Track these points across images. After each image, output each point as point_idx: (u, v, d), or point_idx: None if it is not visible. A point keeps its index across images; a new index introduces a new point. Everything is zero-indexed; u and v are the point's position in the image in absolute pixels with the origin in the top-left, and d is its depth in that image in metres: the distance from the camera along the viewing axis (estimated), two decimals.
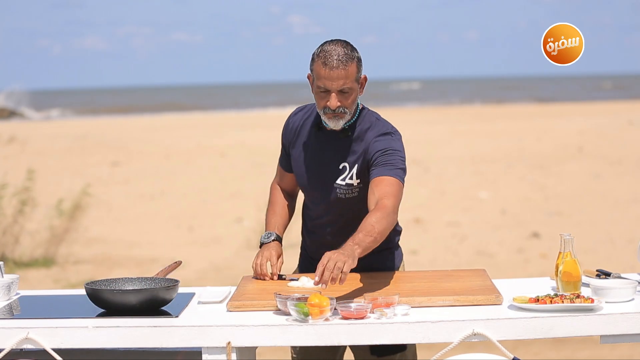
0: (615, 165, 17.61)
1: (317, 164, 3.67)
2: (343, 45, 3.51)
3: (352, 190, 3.63)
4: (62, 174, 18.37)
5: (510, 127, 27.62)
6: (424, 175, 16.88)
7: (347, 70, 3.47)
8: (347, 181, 3.62)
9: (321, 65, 3.48)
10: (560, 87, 74.77)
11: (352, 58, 3.49)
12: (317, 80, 3.51)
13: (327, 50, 3.48)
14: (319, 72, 3.49)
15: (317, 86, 3.52)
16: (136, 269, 9.84)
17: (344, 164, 3.62)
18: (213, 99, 68.16)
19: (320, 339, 3.06)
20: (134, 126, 34.25)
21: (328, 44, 3.52)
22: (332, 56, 3.46)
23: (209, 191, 15.88)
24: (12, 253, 10.34)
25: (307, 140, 3.70)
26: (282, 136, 3.81)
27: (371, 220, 3.35)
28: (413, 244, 10.55)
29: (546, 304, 3.09)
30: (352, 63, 3.48)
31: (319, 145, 3.67)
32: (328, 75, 3.46)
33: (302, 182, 3.73)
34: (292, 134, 3.74)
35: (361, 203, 3.63)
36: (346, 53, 3.48)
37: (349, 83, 3.48)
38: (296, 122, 3.75)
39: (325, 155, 3.66)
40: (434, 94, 68.16)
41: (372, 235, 3.31)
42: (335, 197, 3.65)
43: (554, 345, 6.73)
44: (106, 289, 3.25)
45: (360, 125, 3.63)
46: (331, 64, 3.45)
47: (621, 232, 11.07)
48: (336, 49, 3.49)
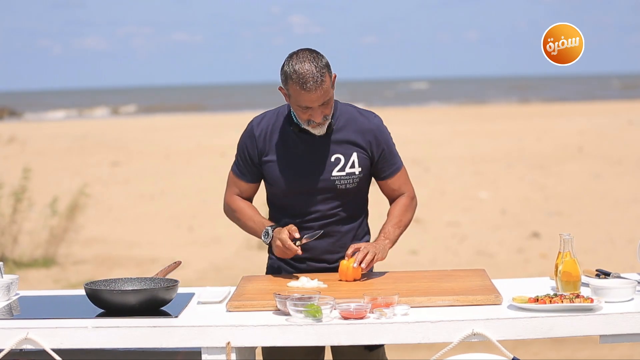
0: (615, 165, 17.61)
1: (309, 162, 3.68)
2: (311, 60, 3.52)
3: (353, 179, 3.68)
4: (62, 174, 18.37)
5: (510, 127, 27.63)
6: (424, 175, 16.87)
7: (323, 86, 3.52)
8: (348, 170, 3.67)
9: (298, 89, 3.51)
10: (569, 87, 74.71)
11: (324, 70, 3.52)
12: (296, 100, 3.55)
13: (300, 73, 3.49)
14: (296, 94, 3.53)
15: (296, 105, 3.57)
16: (136, 269, 9.84)
17: (336, 156, 3.67)
18: (213, 99, 68.16)
19: (320, 339, 3.06)
20: (134, 126, 34.26)
21: (297, 61, 3.52)
22: (307, 79, 3.49)
23: (209, 191, 15.87)
24: (12, 253, 10.34)
25: (287, 142, 3.69)
26: (246, 148, 3.73)
27: (399, 212, 3.76)
28: (413, 244, 10.55)
29: (546, 303, 3.09)
30: (326, 75, 3.53)
31: (304, 144, 3.68)
32: (308, 98, 3.52)
33: (290, 184, 3.69)
34: (262, 142, 3.71)
35: (358, 194, 3.75)
36: (317, 69, 3.51)
37: (328, 95, 3.55)
38: (263, 130, 3.72)
39: (314, 152, 3.68)
40: (434, 94, 68.14)
41: (400, 227, 3.75)
42: (334, 189, 3.68)
43: (554, 345, 6.73)
44: (106, 289, 3.25)
45: (342, 116, 3.70)
46: (309, 87, 3.49)
47: (621, 232, 11.07)
48: (309, 68, 3.50)
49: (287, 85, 3.55)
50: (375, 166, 3.73)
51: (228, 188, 3.84)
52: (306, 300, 3.10)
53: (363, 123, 3.71)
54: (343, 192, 3.69)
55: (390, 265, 3.91)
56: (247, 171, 3.77)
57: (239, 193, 3.82)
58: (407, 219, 3.78)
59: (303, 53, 3.55)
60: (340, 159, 3.67)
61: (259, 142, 3.71)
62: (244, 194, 3.82)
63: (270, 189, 3.77)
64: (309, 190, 3.69)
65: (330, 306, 3.10)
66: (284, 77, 3.56)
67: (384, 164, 3.74)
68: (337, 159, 3.67)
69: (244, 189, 3.81)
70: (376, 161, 3.72)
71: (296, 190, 3.70)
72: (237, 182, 3.81)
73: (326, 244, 3.72)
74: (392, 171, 3.77)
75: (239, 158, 3.78)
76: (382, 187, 3.80)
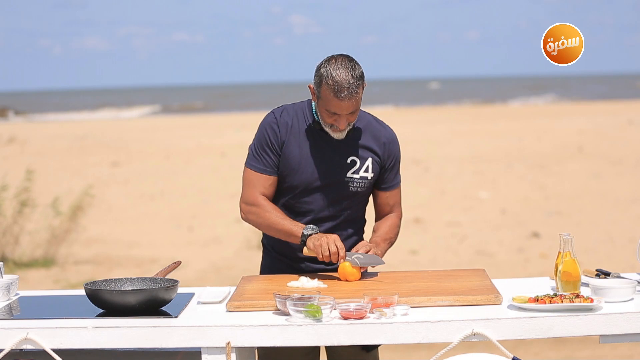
0: (615, 165, 17.61)
1: (325, 160, 3.69)
2: (350, 69, 3.52)
3: (365, 184, 3.72)
4: (62, 174, 18.38)
5: (510, 127, 27.63)
6: (424, 175, 16.88)
7: (357, 98, 3.54)
8: (362, 174, 3.71)
9: (331, 94, 3.52)
10: (593, 87, 74.60)
11: (359, 81, 3.54)
12: (325, 104, 3.56)
13: (337, 81, 3.50)
14: (328, 99, 3.54)
15: (325, 109, 3.57)
16: (136, 269, 9.84)
17: (352, 158, 3.70)
18: (213, 99, 68.15)
19: (320, 339, 3.06)
20: (134, 126, 34.27)
21: (335, 68, 3.52)
22: (343, 87, 3.50)
23: (209, 191, 15.88)
24: (12, 253, 10.34)
25: (306, 138, 3.69)
26: (269, 137, 3.68)
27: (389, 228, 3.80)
28: (413, 244, 10.55)
29: (545, 303, 3.09)
30: (360, 87, 3.54)
31: (323, 142, 3.69)
32: (339, 105, 3.53)
33: (305, 178, 3.69)
34: (286, 132, 3.69)
35: (363, 199, 3.79)
36: (355, 79, 3.52)
37: (358, 105, 3.58)
38: (285, 121, 3.70)
39: (332, 151, 3.69)
40: (435, 94, 68.13)
41: (387, 243, 3.79)
42: (346, 190, 3.70)
43: (554, 345, 6.73)
44: (105, 290, 3.25)
45: (360, 121, 3.73)
46: (342, 97, 3.51)
47: (621, 232, 11.07)
48: (346, 77, 3.50)
49: (320, 87, 3.56)
50: (381, 175, 3.77)
51: (247, 188, 3.72)
52: (306, 300, 3.10)
53: (380, 131, 3.76)
54: (353, 194, 3.72)
55: (390, 265, 3.92)
56: (269, 162, 3.69)
57: (262, 190, 3.71)
58: (394, 237, 3.83)
59: (342, 59, 3.55)
60: (355, 161, 3.70)
61: (282, 130, 3.69)
62: (266, 190, 3.71)
63: (280, 184, 3.74)
64: (321, 188, 3.70)
65: (330, 306, 3.10)
66: (318, 78, 3.56)
67: (389, 175, 3.78)
68: (352, 162, 3.70)
69: (268, 185, 3.71)
70: (384, 170, 3.76)
71: (310, 186, 3.70)
72: (258, 178, 3.70)
73: None
74: (393, 184, 3.81)
75: (258, 150, 3.70)
76: (378, 199, 3.82)
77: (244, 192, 3.74)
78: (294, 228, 3.64)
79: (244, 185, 3.75)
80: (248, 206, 3.72)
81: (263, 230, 3.76)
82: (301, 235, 3.61)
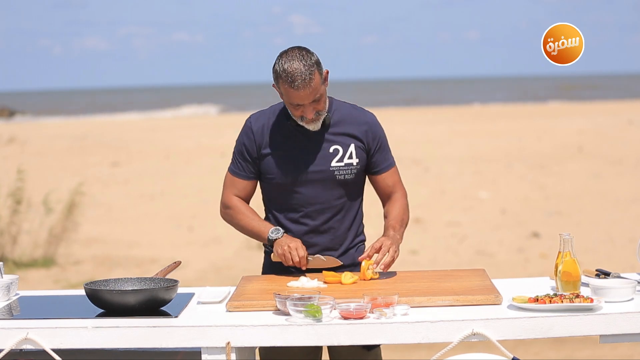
0: (615, 165, 17.61)
1: (308, 153, 3.72)
2: (300, 58, 3.57)
3: (351, 170, 3.74)
4: (62, 174, 18.37)
5: (510, 127, 27.63)
6: (424, 175, 16.88)
7: (312, 84, 3.57)
8: (346, 161, 3.73)
9: (287, 86, 3.57)
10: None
11: (312, 68, 3.57)
12: (287, 97, 3.62)
13: (289, 72, 3.55)
14: (287, 92, 3.60)
15: (288, 103, 3.63)
16: (136, 269, 9.84)
17: (334, 147, 3.73)
18: (213, 99, 68.16)
19: (320, 339, 3.06)
20: (134, 126, 34.27)
21: (286, 60, 3.58)
22: (296, 77, 3.54)
23: (209, 191, 15.87)
24: (12, 253, 10.33)
25: (285, 136, 3.73)
26: (244, 143, 3.77)
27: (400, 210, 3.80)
28: (413, 244, 10.55)
29: (545, 303, 3.09)
30: (315, 73, 3.58)
31: (302, 137, 3.72)
32: (297, 95, 3.58)
33: (291, 174, 3.72)
34: (261, 136, 3.75)
35: (355, 187, 3.80)
36: (307, 67, 3.56)
37: (318, 92, 3.60)
38: (261, 125, 3.76)
39: (312, 144, 3.72)
40: (434, 94, 68.13)
41: (403, 226, 3.80)
42: (334, 180, 3.73)
43: (554, 345, 6.73)
44: (105, 290, 3.25)
45: (338, 111, 3.77)
46: (297, 85, 3.55)
47: (621, 232, 11.07)
48: (297, 67, 3.55)
49: (278, 83, 3.62)
50: (370, 159, 3.79)
51: (225, 190, 3.87)
52: (306, 300, 3.11)
53: (359, 116, 3.80)
54: (342, 183, 3.74)
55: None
56: (245, 168, 3.80)
57: (237, 193, 3.84)
58: (407, 219, 3.85)
59: (292, 51, 3.61)
60: (338, 149, 3.73)
61: (257, 136, 3.76)
62: (241, 192, 3.83)
63: (268, 184, 3.79)
64: (308, 182, 3.72)
65: (330, 306, 3.10)
66: (274, 75, 3.62)
67: (378, 157, 3.80)
68: (335, 150, 3.73)
69: (241, 188, 3.82)
70: (372, 154, 3.78)
71: (296, 182, 3.73)
72: (234, 182, 3.84)
73: (326, 240, 3.76)
74: (386, 166, 3.82)
75: (236, 156, 3.82)
76: (377, 183, 3.84)
77: (222, 194, 3.89)
78: (261, 230, 3.76)
79: (223, 187, 3.89)
80: (223, 209, 3.89)
81: (239, 230, 3.88)
82: (267, 239, 3.72)
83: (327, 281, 3.52)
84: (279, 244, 3.67)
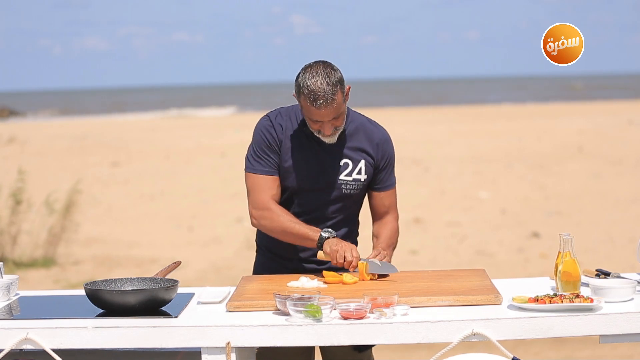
0: (615, 165, 17.61)
1: (318, 162, 3.69)
2: (325, 76, 3.51)
3: (358, 186, 3.72)
4: (62, 174, 18.36)
5: (510, 127, 27.62)
6: (424, 175, 16.87)
7: (334, 104, 3.52)
8: (355, 176, 3.71)
9: (309, 104, 3.52)
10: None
11: (336, 87, 3.52)
12: (306, 112, 3.57)
13: (312, 90, 3.49)
14: (307, 108, 3.55)
15: (307, 117, 3.58)
16: (136, 269, 9.84)
17: (344, 161, 3.70)
18: (214, 99, 68.16)
19: (320, 339, 3.06)
20: (134, 126, 34.26)
21: (310, 76, 3.51)
22: (319, 95, 3.49)
23: (209, 191, 15.88)
24: (12, 253, 10.33)
25: (299, 141, 3.70)
26: (267, 138, 3.68)
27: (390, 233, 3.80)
28: (413, 244, 10.55)
29: (545, 303, 3.09)
30: (337, 93, 3.52)
31: (316, 145, 3.69)
32: (318, 113, 3.53)
33: (299, 182, 3.70)
34: (282, 134, 3.70)
35: (357, 202, 3.79)
36: (330, 86, 3.50)
37: (338, 111, 3.56)
38: (280, 123, 3.71)
39: (325, 154, 3.69)
40: (434, 94, 68.13)
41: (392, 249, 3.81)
42: (339, 193, 3.71)
43: (554, 345, 6.73)
44: (105, 290, 3.25)
45: (353, 123, 3.73)
46: (319, 105, 3.50)
47: (621, 232, 11.07)
48: (321, 85, 3.49)
49: (300, 97, 3.57)
50: (375, 175, 3.76)
51: (257, 193, 3.68)
52: (306, 300, 3.11)
53: (373, 132, 3.75)
54: (346, 197, 3.73)
55: None
56: (273, 163, 3.68)
57: (272, 193, 3.68)
58: (396, 243, 3.85)
59: (317, 67, 3.54)
60: (348, 164, 3.70)
61: (278, 132, 3.69)
62: (273, 190, 3.68)
63: None
64: (315, 190, 3.71)
65: (330, 306, 3.10)
66: (297, 88, 3.57)
67: (383, 175, 3.78)
68: (345, 164, 3.70)
69: (275, 186, 3.69)
70: (378, 170, 3.76)
71: (302, 189, 3.71)
72: (267, 181, 3.68)
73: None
74: (388, 185, 3.80)
75: (259, 153, 3.69)
76: (373, 199, 3.80)
77: (251, 198, 3.69)
78: (309, 232, 3.63)
79: (250, 192, 3.70)
80: (259, 211, 3.68)
81: (276, 234, 3.70)
82: (318, 238, 3.61)
83: (328, 281, 3.52)
84: (329, 243, 3.59)
